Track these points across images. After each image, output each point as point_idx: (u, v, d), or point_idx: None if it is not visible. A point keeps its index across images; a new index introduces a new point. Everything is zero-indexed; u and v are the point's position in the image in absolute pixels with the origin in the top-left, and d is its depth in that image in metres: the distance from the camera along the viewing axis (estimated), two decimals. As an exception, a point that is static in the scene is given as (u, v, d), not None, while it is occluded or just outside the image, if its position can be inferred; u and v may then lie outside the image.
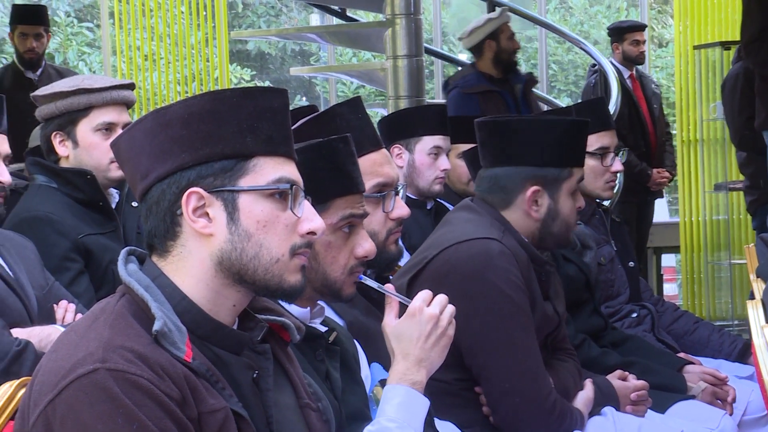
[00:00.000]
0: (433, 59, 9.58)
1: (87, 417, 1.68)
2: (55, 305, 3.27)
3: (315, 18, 13.46)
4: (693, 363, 3.79)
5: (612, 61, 7.48)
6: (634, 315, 4.18)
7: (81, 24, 14.37)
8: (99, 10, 9.48)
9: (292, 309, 2.23)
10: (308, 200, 1.90)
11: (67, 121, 3.60)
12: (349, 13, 7.70)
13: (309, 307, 2.31)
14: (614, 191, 4.30)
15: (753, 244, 4.20)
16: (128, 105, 3.68)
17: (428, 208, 4.60)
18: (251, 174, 1.83)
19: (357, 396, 2.34)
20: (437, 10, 9.97)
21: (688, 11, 8.14)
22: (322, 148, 2.30)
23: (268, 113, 1.86)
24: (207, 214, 1.83)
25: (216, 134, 1.82)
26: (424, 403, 2.23)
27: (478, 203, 3.11)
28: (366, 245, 2.33)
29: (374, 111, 7.07)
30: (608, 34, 7.92)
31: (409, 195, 4.47)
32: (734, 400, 3.59)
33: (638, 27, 7.77)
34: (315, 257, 2.27)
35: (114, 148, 1.93)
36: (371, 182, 2.60)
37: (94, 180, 3.58)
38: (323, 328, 2.32)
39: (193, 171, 1.82)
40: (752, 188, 6.63)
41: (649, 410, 3.33)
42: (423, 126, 4.54)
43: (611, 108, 6.53)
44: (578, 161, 3.12)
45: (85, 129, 3.59)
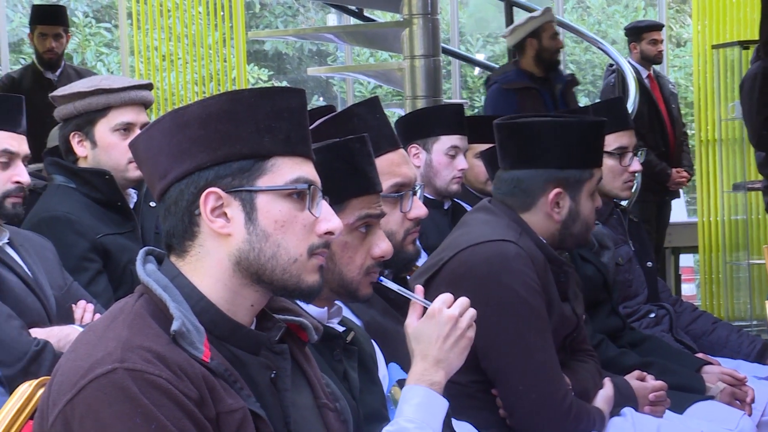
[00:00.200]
0: (451, 59, 9.57)
1: (106, 416, 1.69)
2: (74, 305, 3.28)
3: (332, 18, 13.48)
4: (711, 363, 3.78)
5: (630, 61, 7.46)
6: (652, 315, 4.17)
7: (99, 24, 14.41)
8: (117, 11, 9.50)
9: (310, 309, 2.23)
10: (326, 200, 1.90)
11: (86, 122, 3.61)
12: (367, 13, 7.70)
13: (326, 307, 2.31)
14: (632, 191, 4.29)
15: (772, 244, 4.18)
16: (146, 105, 3.68)
17: (445, 208, 4.59)
18: (269, 174, 1.83)
19: (374, 396, 2.34)
20: (454, 10, 9.96)
21: (707, 10, 8.12)
22: (339, 149, 2.30)
23: (286, 113, 1.86)
24: (225, 214, 1.83)
25: (234, 134, 1.82)
26: (443, 404, 2.23)
27: (496, 204, 3.10)
28: (383, 245, 2.33)
29: (391, 111, 7.06)
30: (626, 34, 7.90)
31: (427, 195, 4.47)
32: (753, 401, 3.58)
33: (656, 26, 7.75)
34: (332, 257, 2.27)
35: (132, 149, 1.93)
36: (389, 182, 2.60)
37: (113, 180, 3.59)
38: (341, 328, 2.32)
39: (211, 171, 1.82)
40: (771, 188, 6.60)
41: (668, 411, 3.32)
42: (440, 125, 4.54)
43: (629, 108, 6.53)
44: (598, 162, 3.12)
45: (104, 129, 3.60)
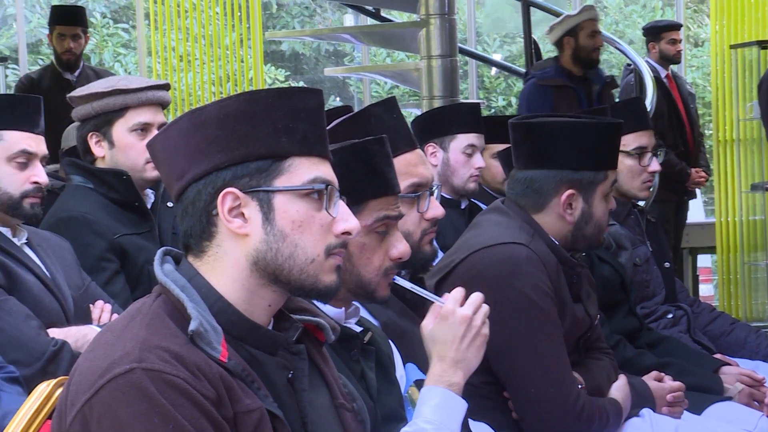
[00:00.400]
0: (468, 59, 9.56)
1: (124, 416, 1.69)
2: (91, 305, 3.29)
3: (349, 18, 13.48)
4: (729, 364, 3.77)
5: (648, 61, 7.45)
6: (670, 316, 4.16)
7: (117, 25, 14.46)
8: (134, 12, 9.52)
9: (327, 309, 2.23)
10: (343, 200, 1.90)
11: (103, 122, 3.61)
12: (383, 14, 7.70)
13: (344, 308, 2.31)
14: (651, 191, 4.28)
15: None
16: (163, 105, 3.69)
17: (462, 208, 4.59)
18: (286, 174, 1.83)
19: (392, 396, 2.34)
20: (471, 10, 9.95)
21: (725, 10, 8.08)
22: (358, 149, 2.29)
23: (303, 113, 1.86)
24: (242, 215, 1.83)
25: (251, 134, 1.82)
26: (462, 405, 2.22)
27: (509, 205, 3.09)
28: (400, 247, 2.32)
29: (408, 111, 7.06)
30: (643, 34, 7.88)
31: (444, 195, 4.47)
32: (772, 402, 3.57)
33: (675, 26, 7.74)
34: (349, 258, 2.27)
35: (150, 149, 1.94)
36: (406, 182, 2.59)
37: (130, 180, 3.59)
38: (358, 329, 2.32)
39: (229, 171, 1.82)
40: (789, 188, 6.59)
41: (686, 412, 3.31)
42: (457, 124, 4.54)
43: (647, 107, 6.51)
44: (613, 164, 3.10)
45: (121, 129, 3.60)
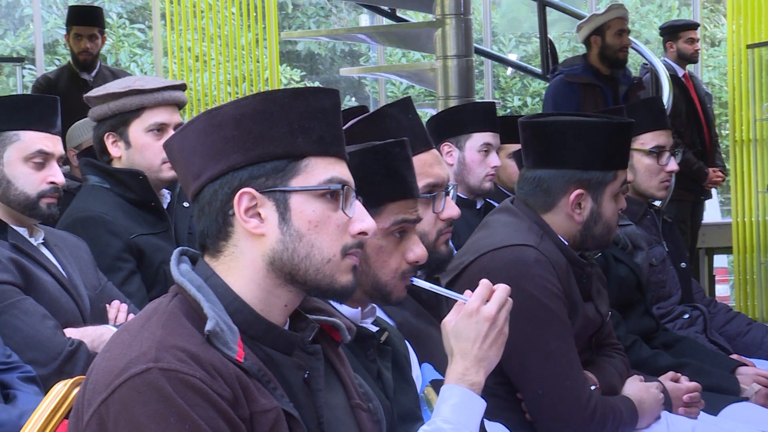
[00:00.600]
0: (483, 59, 9.54)
1: (140, 416, 1.69)
2: (108, 305, 3.30)
3: (364, 18, 13.49)
4: (746, 365, 3.76)
5: (666, 60, 7.44)
6: (686, 316, 4.15)
7: (133, 25, 14.48)
8: (150, 12, 9.53)
9: (343, 309, 2.24)
10: (359, 200, 1.90)
11: (120, 122, 3.62)
12: (399, 14, 7.69)
13: (360, 308, 2.31)
14: (668, 191, 4.27)
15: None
16: (180, 106, 3.69)
17: (478, 208, 4.58)
18: (303, 174, 1.84)
19: (408, 396, 2.33)
20: (487, 10, 9.94)
21: (741, 10, 8.06)
22: (378, 152, 2.29)
23: (320, 113, 1.86)
24: (259, 215, 1.83)
25: (267, 134, 1.83)
26: (481, 405, 2.20)
27: (519, 205, 3.09)
28: (417, 250, 2.32)
29: (424, 111, 7.06)
30: (660, 33, 7.87)
31: (459, 194, 4.46)
32: (788, 403, 3.55)
33: (692, 25, 7.73)
34: (366, 260, 2.26)
35: (166, 149, 1.94)
36: (421, 183, 2.59)
37: (146, 180, 3.60)
38: (374, 328, 2.32)
39: (245, 171, 1.83)
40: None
41: (702, 412, 3.30)
42: (472, 123, 4.53)
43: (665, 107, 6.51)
44: (622, 164, 3.09)
45: (138, 130, 3.61)
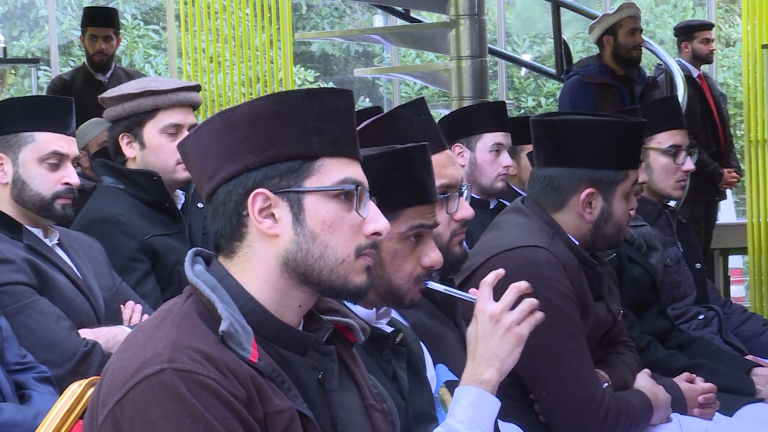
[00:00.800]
0: (497, 60, 9.54)
1: (155, 416, 1.70)
2: (122, 306, 3.30)
3: (378, 19, 13.50)
4: (761, 365, 3.74)
5: (680, 60, 7.42)
6: (701, 317, 4.14)
7: (147, 26, 14.53)
8: (165, 13, 9.56)
9: (358, 310, 2.24)
10: (373, 201, 1.90)
11: (134, 123, 3.63)
12: (413, 14, 7.70)
13: (375, 308, 2.31)
14: (684, 191, 4.25)
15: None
16: (194, 106, 3.70)
17: (491, 208, 4.58)
18: (317, 175, 1.84)
19: (423, 397, 2.33)
20: (501, 11, 9.94)
21: (756, 10, 8.02)
22: (398, 156, 2.28)
23: (334, 114, 1.86)
24: (273, 215, 1.83)
25: (282, 135, 1.83)
26: (495, 404, 2.20)
27: (529, 205, 3.08)
28: (433, 256, 2.31)
29: (438, 112, 7.05)
30: (675, 34, 7.85)
31: (472, 195, 4.46)
32: (804, 404, 3.54)
33: (707, 26, 7.72)
34: (380, 264, 2.26)
35: (181, 150, 1.94)
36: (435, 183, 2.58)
37: (161, 181, 3.61)
38: (389, 329, 2.32)
39: (259, 172, 1.83)
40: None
41: (717, 413, 3.29)
42: (483, 123, 4.52)
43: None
44: (634, 163, 3.08)
45: (152, 130, 3.62)
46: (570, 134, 3.02)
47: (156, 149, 3.62)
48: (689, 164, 4.07)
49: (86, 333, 3.10)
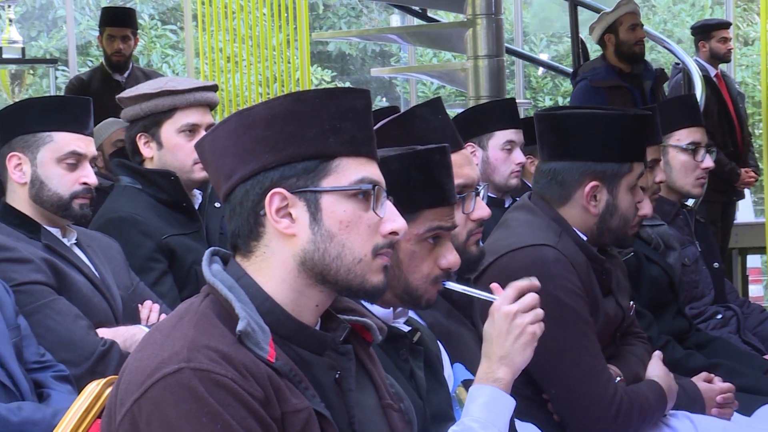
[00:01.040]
0: (514, 59, 9.53)
1: (172, 416, 1.70)
2: (140, 305, 3.31)
3: (395, 19, 13.48)
4: (780, 365, 3.73)
5: (698, 60, 7.40)
6: (719, 316, 4.13)
7: (165, 27, 14.56)
8: (182, 13, 9.58)
9: (375, 309, 2.24)
10: (390, 200, 1.90)
11: (152, 123, 3.64)
12: (430, 14, 7.70)
13: (392, 308, 2.31)
14: (703, 189, 4.24)
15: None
16: (211, 106, 3.70)
17: (506, 206, 4.57)
18: (334, 174, 1.84)
19: (440, 396, 2.33)
20: (518, 10, 9.92)
21: (775, 8, 8.00)
22: (419, 158, 2.28)
23: (351, 114, 1.86)
24: (290, 215, 1.83)
25: (299, 135, 1.83)
26: (510, 402, 2.21)
27: (536, 201, 3.08)
28: (450, 257, 2.31)
29: (454, 111, 7.05)
30: (693, 33, 7.82)
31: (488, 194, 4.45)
32: (823, 404, 3.52)
33: (725, 24, 7.69)
34: (398, 265, 2.26)
35: (198, 149, 1.95)
36: (451, 183, 2.58)
37: (178, 181, 3.61)
38: (407, 328, 2.32)
39: (277, 172, 1.83)
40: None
41: (735, 413, 3.28)
42: (493, 121, 4.51)
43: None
44: (639, 156, 3.07)
45: (169, 130, 3.62)
46: (573, 128, 3.02)
47: (173, 149, 3.62)
48: (708, 162, 4.06)
49: (104, 332, 3.11)
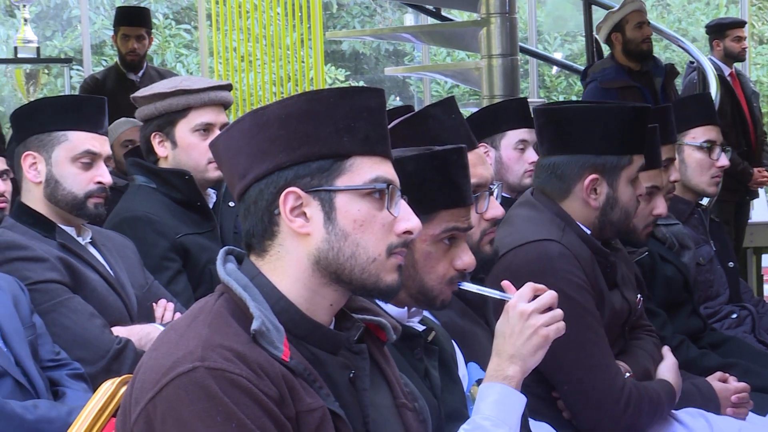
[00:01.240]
0: (528, 58, 9.52)
1: (187, 415, 1.70)
2: (155, 304, 3.31)
3: (409, 18, 13.47)
4: (795, 365, 3.72)
5: (712, 59, 7.38)
6: (734, 316, 4.12)
7: (179, 26, 14.57)
8: (196, 12, 9.59)
9: (389, 308, 2.24)
10: (405, 200, 1.90)
11: (166, 122, 3.64)
12: (444, 13, 7.69)
13: (406, 307, 2.31)
14: (718, 187, 4.23)
15: None
16: (225, 106, 3.71)
17: (521, 207, 4.56)
18: (348, 174, 1.84)
19: (455, 395, 2.33)
20: (532, 9, 9.91)
21: (790, 7, 7.98)
22: (435, 159, 2.27)
23: (365, 113, 1.86)
24: (304, 214, 1.84)
25: (313, 134, 1.83)
26: (520, 400, 2.21)
27: (538, 196, 3.08)
28: (466, 258, 2.31)
29: (468, 110, 7.04)
30: (707, 32, 7.80)
31: (502, 194, 4.44)
32: (838, 404, 3.51)
33: (739, 23, 7.67)
34: (413, 265, 2.26)
35: (212, 149, 1.95)
36: (465, 183, 2.58)
37: (192, 180, 3.62)
38: (421, 327, 2.32)
39: (291, 171, 1.83)
40: None
41: (750, 413, 3.28)
42: (505, 121, 4.50)
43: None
44: (638, 148, 3.07)
45: (184, 129, 3.63)
46: (572, 121, 3.02)
47: (188, 148, 3.63)
48: (724, 160, 4.05)
49: (119, 331, 3.12)
